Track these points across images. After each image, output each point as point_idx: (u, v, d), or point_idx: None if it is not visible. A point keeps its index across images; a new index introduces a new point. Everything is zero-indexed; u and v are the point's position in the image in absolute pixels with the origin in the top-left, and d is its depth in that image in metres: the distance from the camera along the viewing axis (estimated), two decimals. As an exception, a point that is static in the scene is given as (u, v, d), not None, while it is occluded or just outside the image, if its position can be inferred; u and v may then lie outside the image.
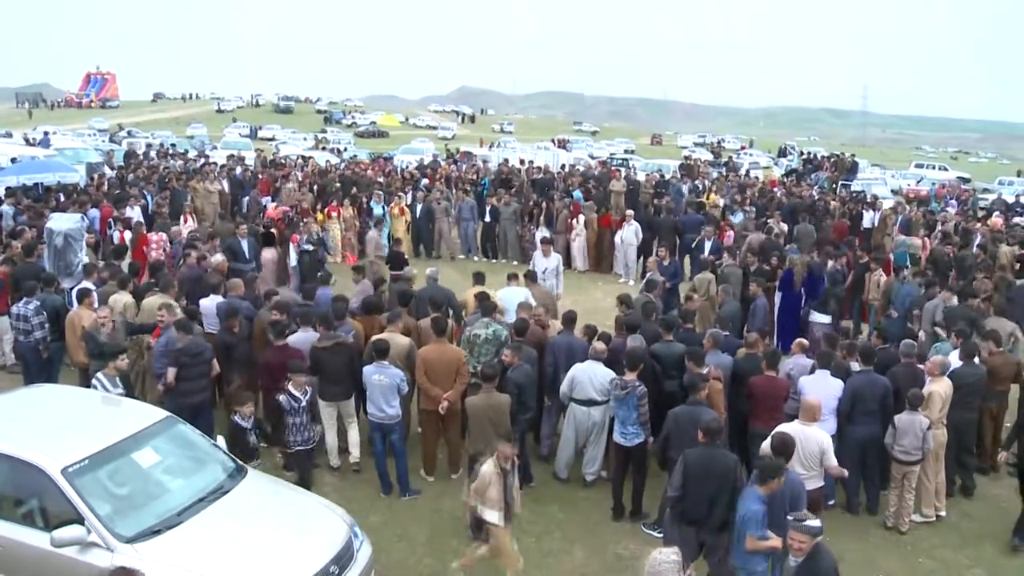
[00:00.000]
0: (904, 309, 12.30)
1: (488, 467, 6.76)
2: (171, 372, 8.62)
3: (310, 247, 15.60)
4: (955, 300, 11.81)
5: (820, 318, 12.64)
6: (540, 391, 9.35)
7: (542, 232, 19.53)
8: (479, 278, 11.32)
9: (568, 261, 18.27)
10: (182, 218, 16.76)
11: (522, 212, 20.48)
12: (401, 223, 19.85)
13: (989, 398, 9.65)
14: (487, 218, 20.54)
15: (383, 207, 20.05)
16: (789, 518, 5.45)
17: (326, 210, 19.33)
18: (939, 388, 8.52)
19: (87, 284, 10.67)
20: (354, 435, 9.20)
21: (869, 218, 21.66)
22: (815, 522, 5.37)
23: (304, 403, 8.11)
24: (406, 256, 15.69)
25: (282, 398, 8.00)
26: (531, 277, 11.99)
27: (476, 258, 20.31)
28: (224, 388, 9.93)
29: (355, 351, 9.10)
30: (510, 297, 10.66)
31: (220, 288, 10.55)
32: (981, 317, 11.07)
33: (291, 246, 15.31)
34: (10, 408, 7.21)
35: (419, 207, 20.50)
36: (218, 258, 12.07)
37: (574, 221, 19.44)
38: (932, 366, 8.71)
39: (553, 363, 9.24)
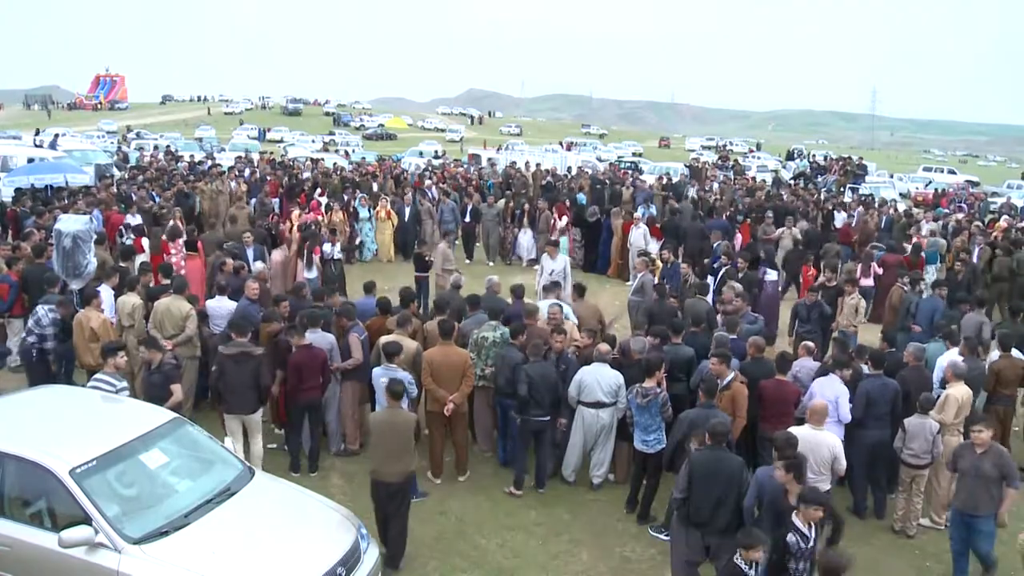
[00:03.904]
0: (929, 324, 11.73)
1: None
2: (178, 389, 8.41)
3: (340, 255, 15.43)
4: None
5: (772, 275, 14.21)
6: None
7: (527, 233, 19.52)
8: (518, 291, 11.18)
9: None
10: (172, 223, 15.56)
11: (504, 213, 20.50)
12: (387, 226, 19.80)
13: (996, 402, 9.66)
14: (467, 218, 20.45)
15: (369, 210, 19.92)
16: None
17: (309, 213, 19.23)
18: (955, 392, 8.47)
19: (106, 286, 10.69)
20: (257, 448, 8.79)
21: (841, 219, 21.54)
22: None
23: (813, 543, 6.13)
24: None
25: (791, 538, 6.03)
26: (580, 292, 11.62)
27: (431, 258, 19.73)
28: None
29: (261, 362, 8.69)
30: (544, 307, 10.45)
31: (227, 290, 10.56)
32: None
33: (314, 257, 14.39)
34: (19, 409, 7.23)
35: (407, 210, 20.36)
36: (259, 266, 11.86)
37: (557, 222, 19.38)
38: (949, 371, 8.66)
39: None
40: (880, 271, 15.14)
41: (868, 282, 14.88)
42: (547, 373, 8.70)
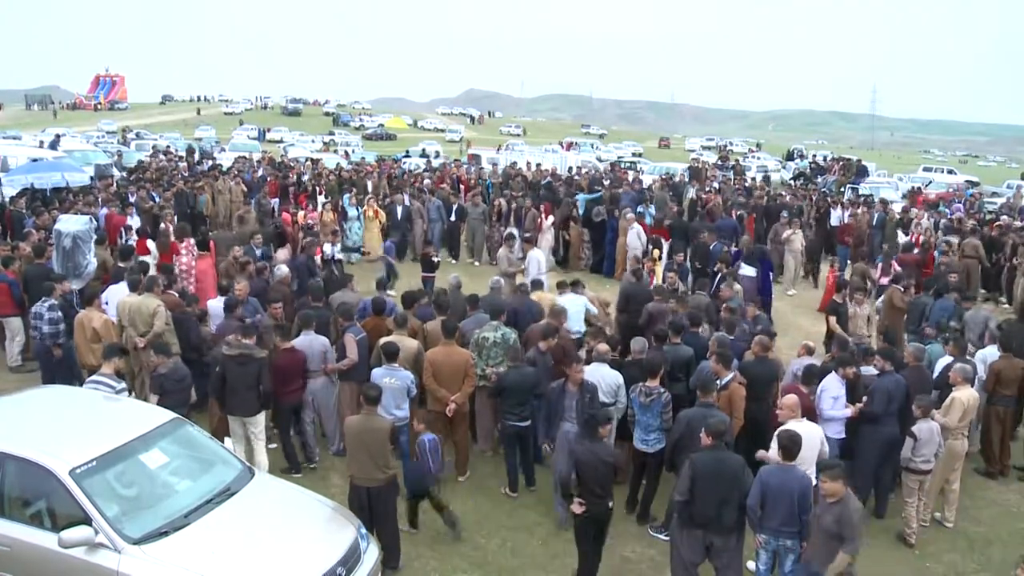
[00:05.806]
0: (939, 325, 11.51)
1: None
2: (153, 400, 8.27)
3: (342, 256, 15.32)
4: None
5: (748, 271, 14.05)
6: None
7: (511, 231, 19.53)
8: (537, 285, 11.06)
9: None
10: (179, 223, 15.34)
11: (490, 213, 20.49)
12: (375, 224, 19.65)
13: (996, 402, 9.63)
14: (452, 217, 20.46)
15: (357, 209, 19.78)
16: None
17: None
18: (961, 396, 8.43)
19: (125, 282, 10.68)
20: (262, 457, 8.58)
21: (836, 216, 21.52)
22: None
23: None
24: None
25: None
26: (579, 286, 11.56)
27: (439, 258, 19.72)
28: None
29: (263, 363, 8.56)
30: (568, 305, 10.48)
31: (230, 290, 10.55)
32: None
33: (315, 258, 14.14)
34: (19, 409, 7.23)
35: (399, 209, 20.29)
36: (282, 270, 11.75)
37: (543, 221, 19.37)
38: (955, 375, 8.60)
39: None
40: (900, 269, 15.06)
41: (887, 281, 14.77)
42: (524, 380, 8.65)
